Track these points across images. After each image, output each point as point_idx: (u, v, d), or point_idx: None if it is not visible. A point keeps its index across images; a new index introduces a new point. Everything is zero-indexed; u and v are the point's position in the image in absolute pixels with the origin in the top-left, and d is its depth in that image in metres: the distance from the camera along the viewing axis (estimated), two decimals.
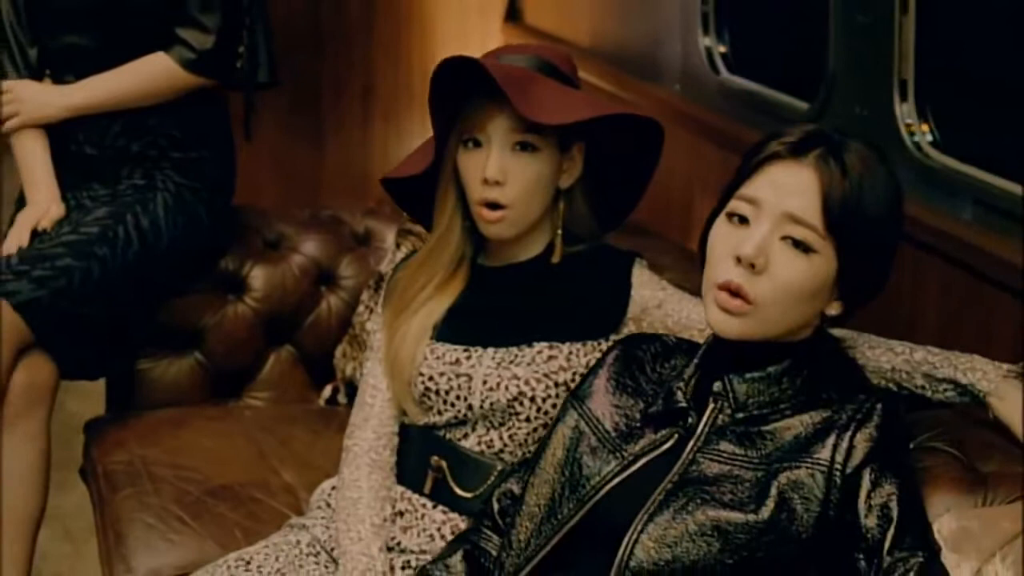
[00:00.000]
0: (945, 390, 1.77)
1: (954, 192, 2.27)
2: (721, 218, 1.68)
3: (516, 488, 1.87)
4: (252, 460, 2.53)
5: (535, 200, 2.04)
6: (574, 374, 1.99)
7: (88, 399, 3.08)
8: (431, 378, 2.05)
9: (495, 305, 2.09)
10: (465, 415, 2.05)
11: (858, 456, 1.60)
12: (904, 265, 2.14)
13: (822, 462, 1.61)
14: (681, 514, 1.61)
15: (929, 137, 2.34)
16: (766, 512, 1.59)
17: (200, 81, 2.76)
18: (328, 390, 2.80)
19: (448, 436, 2.08)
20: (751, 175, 1.67)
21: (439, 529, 2.02)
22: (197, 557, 2.20)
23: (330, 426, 2.57)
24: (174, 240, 2.71)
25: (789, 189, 1.64)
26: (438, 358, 2.06)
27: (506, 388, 2.01)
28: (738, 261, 1.62)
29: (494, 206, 2.00)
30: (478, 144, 2.01)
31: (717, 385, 1.69)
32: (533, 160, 2.01)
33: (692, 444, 1.68)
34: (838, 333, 1.79)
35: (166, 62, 2.74)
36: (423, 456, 2.09)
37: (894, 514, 1.56)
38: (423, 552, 2.00)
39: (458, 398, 2.04)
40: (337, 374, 2.77)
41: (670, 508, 1.62)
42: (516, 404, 2.00)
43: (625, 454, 1.72)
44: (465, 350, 2.05)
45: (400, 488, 2.09)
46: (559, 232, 2.09)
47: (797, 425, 1.66)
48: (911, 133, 2.33)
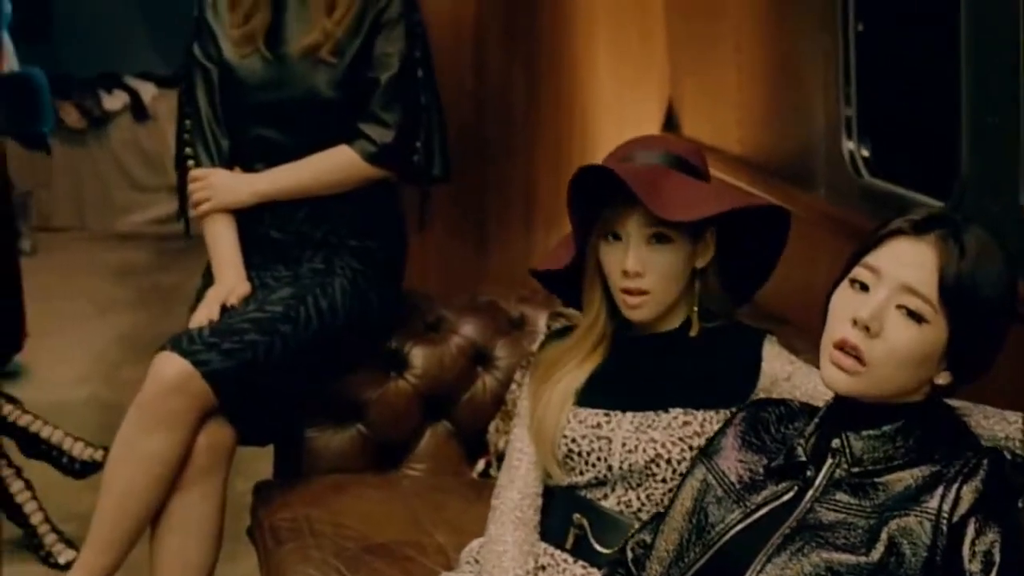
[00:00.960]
0: None
1: None
2: (844, 284, 1.78)
3: (648, 538, 1.96)
4: (407, 523, 2.62)
5: (672, 285, 2.17)
6: (707, 439, 2.08)
7: (256, 479, 3.25)
8: (574, 440, 2.17)
9: (635, 373, 2.21)
10: (605, 476, 2.15)
11: (964, 506, 1.67)
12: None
13: (930, 511, 1.68)
14: (797, 556, 1.70)
15: None
16: (876, 555, 1.66)
17: (380, 173, 2.88)
18: (481, 464, 2.89)
19: (589, 496, 2.18)
20: (875, 247, 1.77)
21: None
22: None
23: (482, 496, 2.61)
24: (348, 321, 2.82)
25: (908, 262, 1.73)
26: (580, 421, 2.18)
27: (644, 450, 2.12)
28: (855, 323, 1.72)
29: (635, 292, 2.15)
30: (617, 238, 2.15)
31: (836, 442, 1.78)
32: (668, 250, 2.14)
33: (811, 494, 1.77)
34: (954, 403, 1.87)
35: (350, 154, 2.85)
36: (566, 515, 2.19)
37: (996, 559, 1.62)
38: None
39: (599, 459, 2.15)
40: (490, 448, 2.87)
41: (787, 550, 1.71)
42: (653, 465, 2.11)
43: (748, 504, 1.81)
44: (606, 414, 2.17)
45: (543, 544, 2.19)
46: (695, 308, 2.21)
47: (908, 478, 1.74)
48: None
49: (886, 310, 1.72)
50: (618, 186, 2.09)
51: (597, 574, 2.10)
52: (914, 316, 1.71)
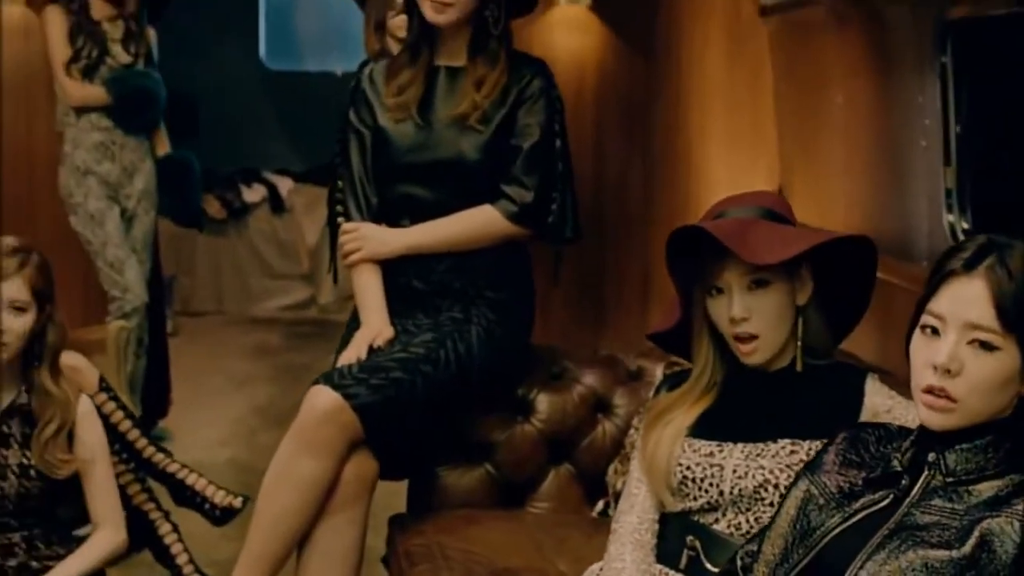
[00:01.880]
0: None
1: None
2: (917, 331, 1.90)
3: (755, 547, 2.08)
4: (531, 552, 2.74)
5: (779, 325, 2.30)
6: None
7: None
8: (688, 468, 2.30)
9: (745, 409, 2.33)
10: (717, 501, 2.27)
11: None
12: None
13: (1019, 512, 1.78)
14: (895, 553, 1.81)
15: None
16: (968, 549, 1.76)
17: (518, 231, 3.00)
18: (600, 504, 2.99)
19: (702, 520, 2.29)
20: (936, 291, 1.89)
21: None
22: None
23: (601, 531, 2.69)
24: (482, 367, 2.93)
25: (966, 301, 1.84)
26: (695, 451, 2.31)
27: (753, 476, 2.24)
28: (935, 369, 1.83)
29: (746, 339, 2.29)
30: (720, 291, 2.29)
31: (931, 456, 1.89)
32: (768, 293, 2.28)
33: (907, 501, 1.88)
34: None
35: (492, 213, 2.98)
36: (680, 538, 2.31)
37: None
38: None
39: (711, 485, 2.27)
40: (609, 489, 2.97)
41: (885, 549, 1.82)
42: (761, 490, 2.22)
43: (847, 509, 1.92)
44: (718, 445, 2.30)
45: (659, 566, 2.31)
46: (799, 344, 2.33)
47: (998, 484, 1.84)
48: None
49: (959, 349, 1.83)
50: (712, 242, 2.24)
51: None
52: (986, 346, 1.82)
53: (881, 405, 2.28)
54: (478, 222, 2.99)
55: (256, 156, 8.42)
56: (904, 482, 1.92)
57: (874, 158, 3.79)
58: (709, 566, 2.24)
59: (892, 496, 1.92)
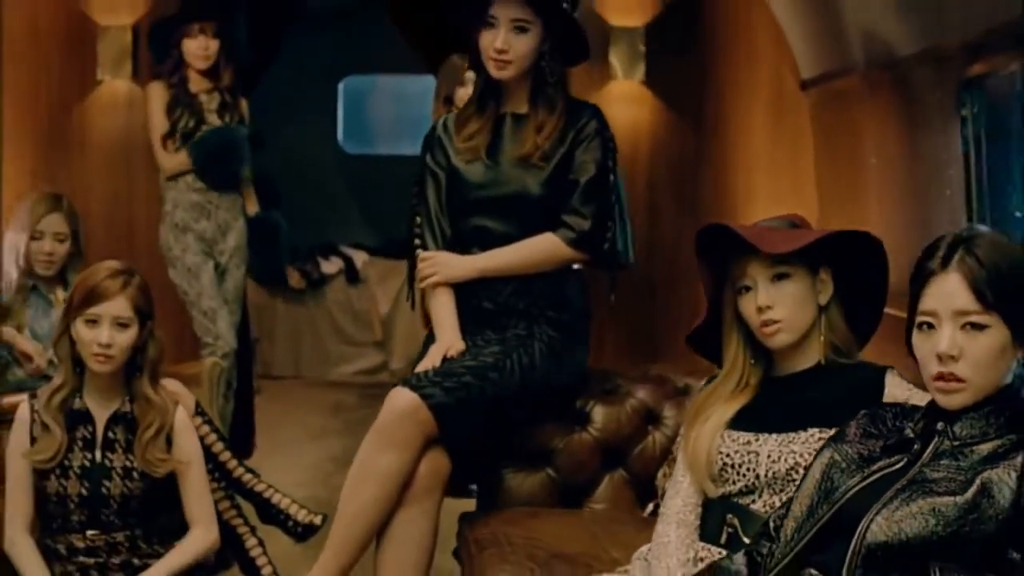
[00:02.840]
0: None
1: None
2: (915, 331, 2.11)
3: (784, 511, 2.25)
4: (587, 541, 2.89)
5: (799, 313, 2.50)
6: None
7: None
8: (728, 455, 2.51)
9: (778, 404, 2.54)
10: (753, 483, 2.47)
11: None
12: None
13: (1016, 464, 1.98)
14: (906, 503, 2.01)
15: None
16: (970, 494, 1.96)
17: (576, 256, 3.17)
18: (651, 506, 3.13)
19: (740, 502, 2.50)
20: (922, 292, 2.09)
21: None
22: None
23: (650, 527, 2.77)
24: (543, 377, 3.11)
25: (949, 294, 2.05)
26: (734, 440, 2.52)
27: (785, 460, 2.44)
28: (939, 358, 2.04)
29: (770, 323, 2.50)
30: (748, 288, 2.52)
31: (940, 424, 2.10)
32: (789, 284, 2.49)
33: (919, 463, 2.08)
34: None
35: (554, 240, 3.15)
36: (720, 518, 2.51)
37: None
38: None
39: (748, 469, 2.48)
40: (658, 493, 3.10)
41: (898, 499, 2.02)
42: (793, 472, 2.41)
43: (866, 471, 2.13)
44: (755, 435, 2.51)
45: (701, 543, 2.51)
46: (822, 338, 2.53)
47: (998, 442, 2.04)
48: None
49: (955, 336, 2.04)
50: (739, 246, 2.47)
51: None
52: (976, 327, 2.03)
53: (900, 396, 2.45)
54: (540, 248, 3.17)
55: (333, 231, 8.59)
56: (916, 447, 2.12)
57: (904, 210, 3.97)
58: (747, 540, 2.39)
59: (905, 459, 2.12)
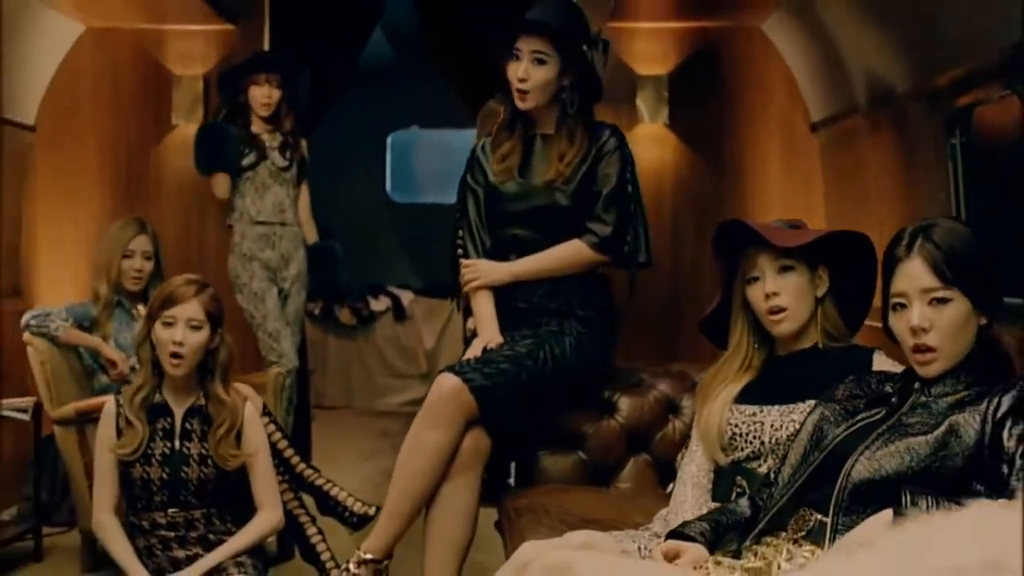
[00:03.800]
0: None
1: None
2: (891, 313, 2.33)
3: (781, 464, 2.48)
4: (614, 510, 3.08)
5: (801, 302, 2.74)
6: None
7: (492, 552, 3.50)
8: (736, 425, 2.74)
9: (779, 380, 2.77)
10: (759, 449, 2.71)
11: (1004, 407, 2.18)
12: None
13: (980, 409, 2.19)
14: (886, 443, 2.23)
15: None
16: (940, 434, 2.18)
17: (600, 258, 3.36)
18: (671, 486, 3.19)
19: (747, 466, 2.72)
20: (892, 277, 2.32)
21: None
22: None
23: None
24: (573, 367, 3.30)
25: (915, 276, 2.28)
26: (741, 412, 2.76)
27: (786, 428, 2.67)
28: (913, 332, 2.27)
29: (777, 311, 2.74)
30: (756, 279, 2.76)
31: (916, 384, 2.33)
32: (792, 276, 2.74)
33: (898, 414, 2.31)
34: None
35: (580, 245, 3.34)
36: (730, 480, 2.74)
37: None
38: None
39: (754, 437, 2.71)
40: (678, 474, 3.28)
41: (879, 441, 2.25)
42: (793, 438, 2.66)
43: (851, 421, 2.36)
44: (759, 407, 2.74)
45: (713, 503, 2.74)
46: (818, 326, 2.77)
47: (965, 393, 2.26)
48: None
49: (924, 311, 2.27)
50: (750, 240, 2.72)
51: None
52: (941, 301, 2.26)
53: (886, 370, 2.66)
54: (568, 253, 3.37)
55: (382, 273, 8.78)
56: (894, 400, 2.35)
57: (900, 225, 4.17)
58: None
59: (885, 411, 2.35)
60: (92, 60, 5.64)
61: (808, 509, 2.28)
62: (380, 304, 8.26)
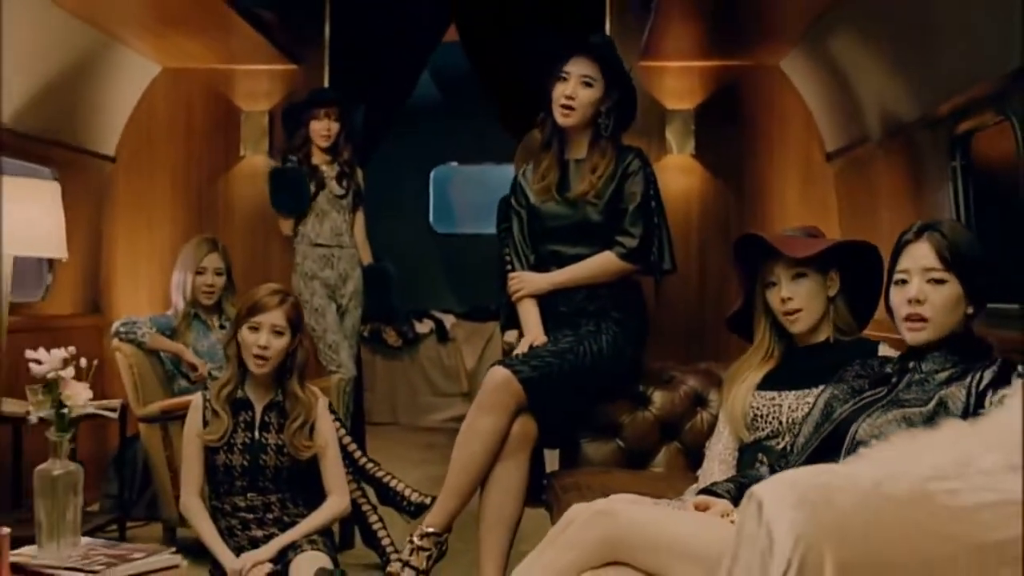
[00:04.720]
0: None
1: None
2: (892, 286, 2.56)
3: (794, 440, 2.74)
4: (650, 487, 3.09)
5: (814, 304, 2.97)
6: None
7: (535, 544, 3.55)
8: (758, 408, 2.99)
9: (796, 370, 3.01)
10: (777, 429, 2.95)
11: (986, 380, 2.42)
12: None
13: (966, 384, 2.43)
14: (884, 412, 2.48)
15: None
16: (931, 406, 2.42)
17: (629, 267, 3.58)
18: (700, 471, 3.53)
19: (768, 443, 2.96)
20: (899, 256, 2.55)
21: None
22: None
23: None
24: (610, 362, 3.52)
25: (920, 256, 2.51)
26: (762, 397, 3.00)
27: (802, 410, 2.90)
28: (910, 302, 2.51)
29: (792, 312, 2.98)
30: (774, 284, 3.00)
31: (911, 364, 2.58)
32: (806, 282, 2.97)
33: (896, 390, 2.56)
34: None
35: (610, 256, 3.57)
36: (753, 456, 2.97)
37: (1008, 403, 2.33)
38: None
39: (774, 418, 2.96)
40: (707, 452, 3.47)
41: (879, 410, 2.50)
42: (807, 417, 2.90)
43: (857, 398, 2.62)
44: (778, 392, 2.99)
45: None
46: (830, 320, 3.00)
47: (953, 371, 2.49)
48: None
49: (922, 286, 2.50)
50: (767, 249, 2.95)
51: None
52: (938, 282, 2.49)
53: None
54: (601, 263, 3.60)
55: (426, 298, 8.92)
56: (893, 380, 2.60)
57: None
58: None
59: (885, 389, 2.60)
60: (167, 97, 5.83)
61: None
62: (424, 327, 8.34)
